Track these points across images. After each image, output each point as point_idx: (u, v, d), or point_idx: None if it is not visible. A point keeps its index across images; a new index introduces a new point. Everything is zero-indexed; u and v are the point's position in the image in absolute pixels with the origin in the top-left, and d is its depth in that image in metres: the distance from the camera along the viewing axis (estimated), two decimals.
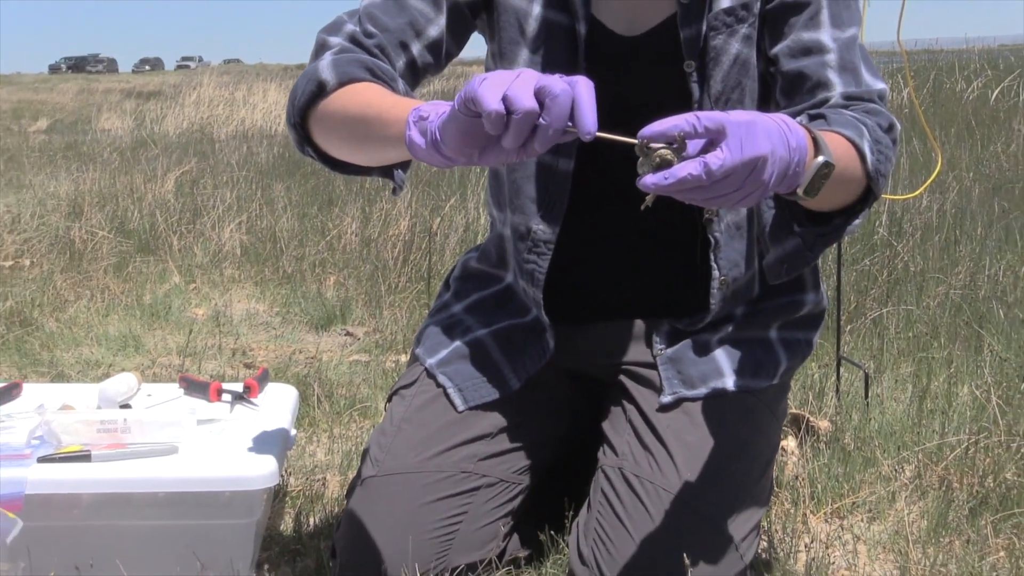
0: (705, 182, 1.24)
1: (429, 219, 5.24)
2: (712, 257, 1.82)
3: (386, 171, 1.65)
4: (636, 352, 1.90)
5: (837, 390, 2.84)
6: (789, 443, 2.46)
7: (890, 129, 1.67)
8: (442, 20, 1.80)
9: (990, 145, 7.35)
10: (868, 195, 1.61)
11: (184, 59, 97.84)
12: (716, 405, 1.81)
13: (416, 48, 1.78)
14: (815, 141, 1.42)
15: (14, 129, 15.56)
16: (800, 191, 1.40)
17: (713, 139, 1.26)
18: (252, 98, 15.53)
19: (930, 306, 3.69)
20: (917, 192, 3.40)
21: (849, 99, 1.69)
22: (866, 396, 2.76)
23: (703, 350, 1.86)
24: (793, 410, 2.63)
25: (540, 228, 1.86)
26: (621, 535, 1.69)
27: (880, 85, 1.73)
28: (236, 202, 6.11)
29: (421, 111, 1.36)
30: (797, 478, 2.29)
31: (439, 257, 4.56)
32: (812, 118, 1.62)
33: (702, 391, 1.83)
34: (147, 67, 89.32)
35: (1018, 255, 4.34)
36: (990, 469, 2.28)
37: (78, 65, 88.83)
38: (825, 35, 1.72)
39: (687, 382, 1.84)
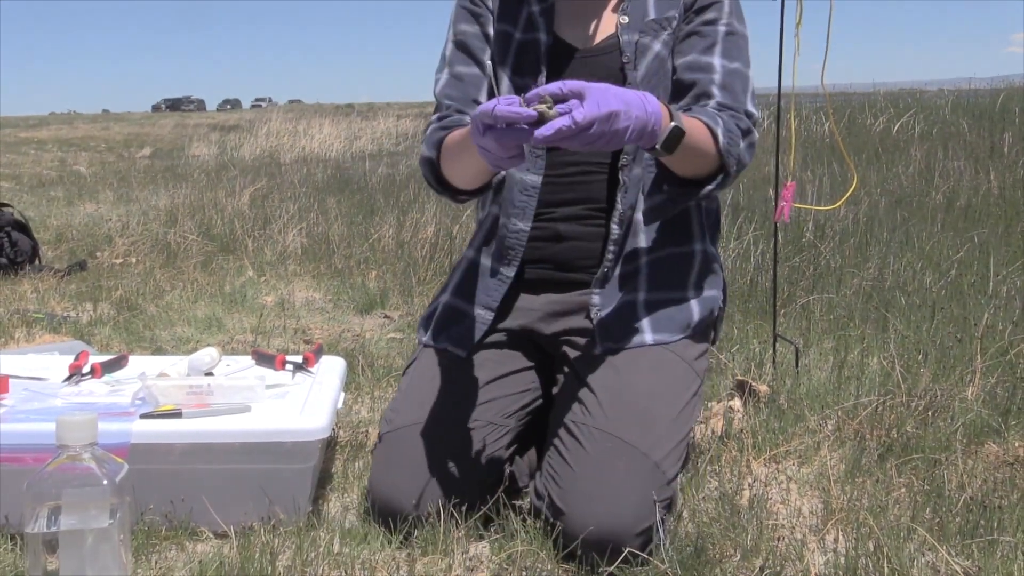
0: (575, 130, 1.41)
1: (450, 226, 5.24)
2: (619, 196, 1.86)
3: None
4: (576, 321, 1.90)
5: (774, 361, 2.83)
6: (735, 403, 2.45)
7: (747, 133, 1.80)
8: (487, 72, 1.95)
9: (893, 167, 7.32)
10: (721, 170, 1.76)
11: (257, 99, 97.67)
12: (636, 356, 1.83)
13: (482, 98, 1.93)
14: (671, 114, 1.58)
15: (125, 155, 15.57)
16: (659, 146, 1.57)
17: (578, 99, 1.44)
18: (311, 130, 15.51)
19: (847, 294, 3.68)
20: (837, 204, 3.38)
21: (722, 108, 1.80)
22: (797, 366, 2.75)
23: (629, 311, 1.87)
24: (739, 376, 2.62)
25: (529, 177, 1.89)
26: (563, 468, 1.70)
27: (753, 109, 1.85)
28: (298, 212, 6.10)
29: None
30: (742, 431, 2.28)
31: (458, 256, 4.53)
32: (683, 110, 1.75)
33: (625, 344, 1.85)
34: (228, 106, 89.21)
35: (916, 254, 4.33)
36: (894, 423, 2.27)
37: (174, 105, 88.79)
38: (716, 60, 1.84)
39: (614, 338, 1.85)
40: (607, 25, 1.91)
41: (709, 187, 1.77)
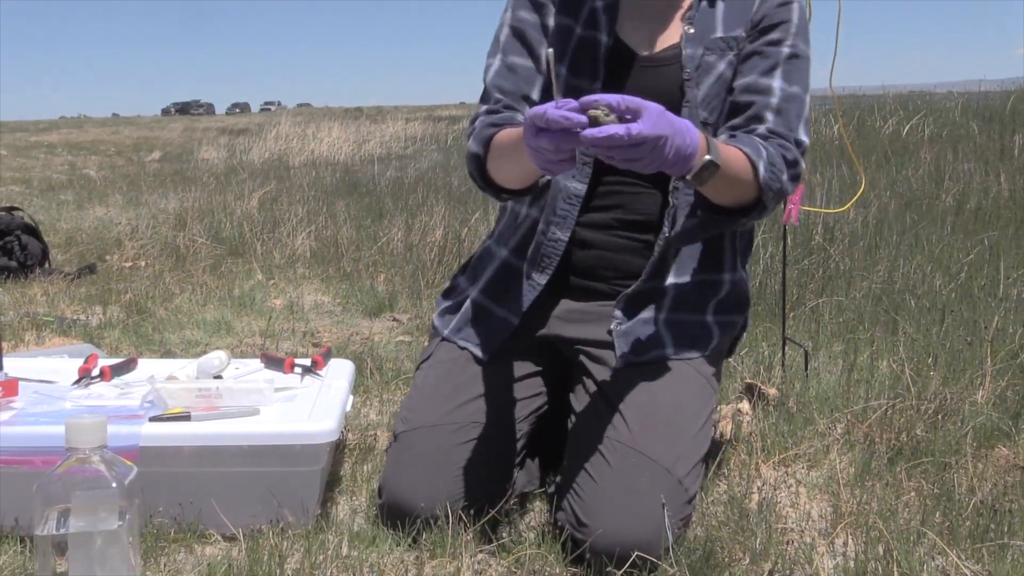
0: (625, 141, 1.41)
1: (459, 229, 5.24)
2: (667, 218, 1.84)
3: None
4: (593, 331, 1.89)
5: (783, 364, 2.82)
6: (744, 406, 2.44)
7: (793, 164, 1.76)
8: (542, 67, 1.91)
9: (903, 170, 7.31)
10: (759, 204, 1.73)
11: (266, 103, 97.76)
12: (659, 370, 1.82)
13: (535, 94, 1.90)
14: (709, 147, 1.57)
15: (134, 159, 15.61)
16: (689, 176, 1.56)
17: (632, 116, 1.44)
18: (320, 134, 15.53)
19: (856, 297, 3.67)
20: (846, 207, 3.37)
21: (772, 134, 1.76)
22: (806, 369, 2.74)
23: (650, 328, 1.86)
24: (748, 380, 2.61)
25: (573, 185, 1.87)
26: (586, 482, 1.69)
27: (804, 138, 1.80)
28: (307, 216, 6.11)
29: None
30: (751, 434, 2.27)
31: (466, 259, 4.54)
32: (730, 135, 1.75)
33: (646, 358, 1.83)
34: (237, 110, 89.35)
35: (925, 257, 4.32)
36: (904, 427, 2.27)
37: (184, 109, 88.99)
38: (775, 83, 1.79)
39: (635, 351, 1.83)
40: (672, 33, 1.86)
41: (743, 219, 1.76)
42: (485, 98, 1.92)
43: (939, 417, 2.32)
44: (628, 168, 1.49)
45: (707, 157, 1.56)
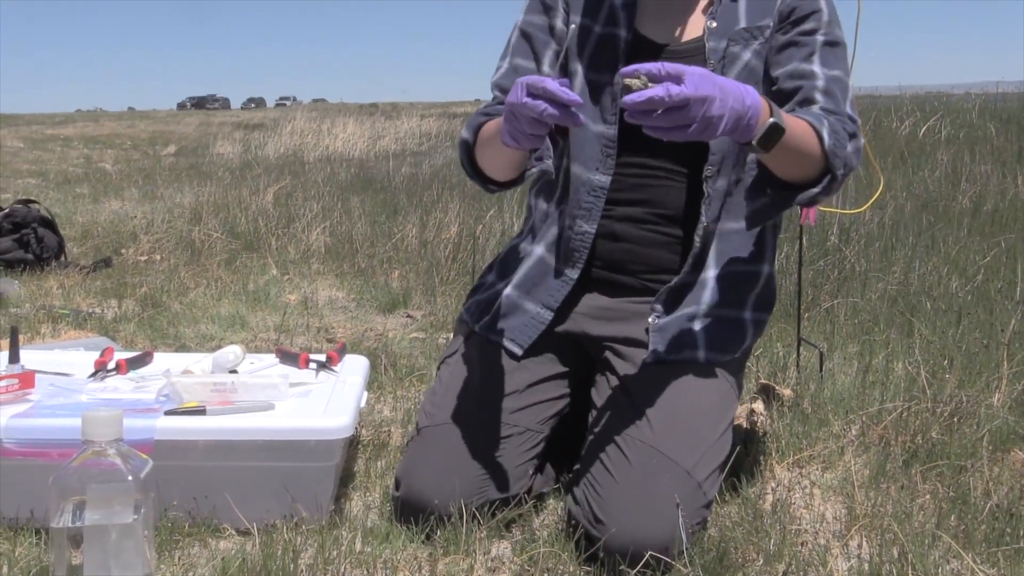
0: (667, 103, 1.39)
1: (473, 226, 5.23)
2: (703, 208, 1.82)
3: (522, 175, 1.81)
4: (622, 329, 1.88)
5: (797, 365, 2.81)
6: (759, 406, 2.43)
7: (853, 136, 1.73)
8: (545, 69, 1.92)
9: (919, 171, 7.27)
10: (828, 175, 1.68)
11: (281, 98, 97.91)
12: (685, 372, 1.81)
13: None
14: (771, 111, 1.54)
15: (150, 153, 15.66)
16: (754, 142, 1.53)
17: (675, 81, 1.41)
18: (335, 130, 15.54)
19: (872, 299, 3.66)
20: (862, 208, 3.37)
21: (826, 111, 1.74)
22: (821, 370, 2.73)
23: (687, 326, 1.85)
24: (763, 380, 2.60)
25: (596, 177, 1.86)
26: (605, 479, 1.68)
27: (854, 115, 1.78)
28: (321, 211, 6.12)
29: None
30: (765, 435, 2.27)
31: (481, 256, 4.55)
32: (788, 112, 1.69)
33: (677, 358, 1.82)
34: (253, 105, 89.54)
35: (941, 258, 4.30)
36: (919, 429, 2.25)
37: (199, 103, 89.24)
38: (816, 68, 1.78)
39: (668, 349, 1.83)
40: (694, 27, 1.86)
41: (815, 190, 1.68)
42: (492, 99, 1.94)
43: (955, 420, 2.31)
44: (688, 139, 1.46)
45: (771, 120, 1.53)
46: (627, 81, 1.41)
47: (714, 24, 1.83)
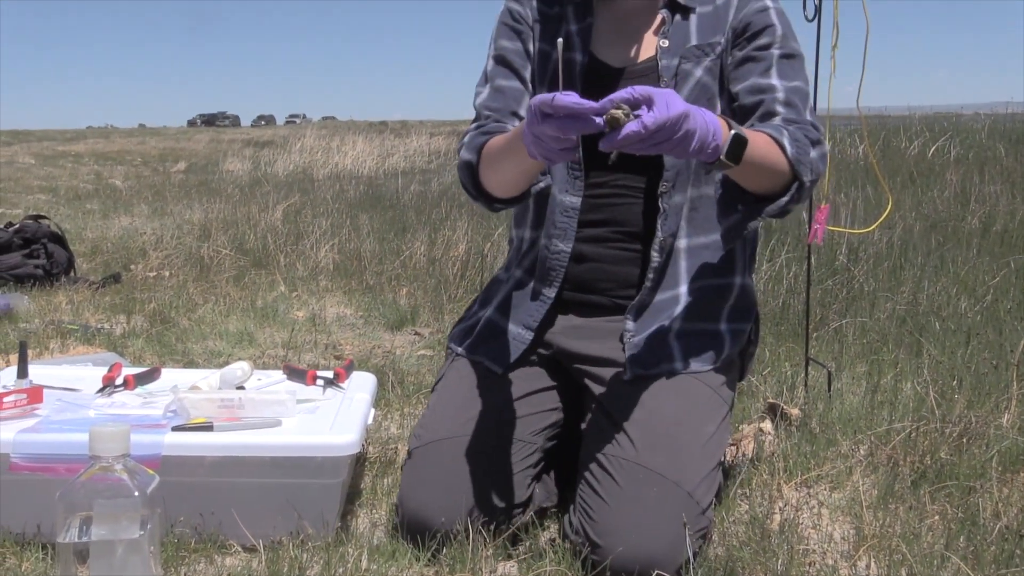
0: (644, 135, 1.42)
1: (481, 244, 5.24)
2: (659, 223, 1.85)
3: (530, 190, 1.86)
4: (595, 347, 1.89)
5: (806, 384, 2.80)
6: (767, 426, 2.43)
7: (817, 143, 1.77)
8: (529, 85, 1.96)
9: (928, 191, 7.27)
10: (795, 183, 1.72)
11: (291, 116, 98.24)
12: (662, 384, 1.82)
13: (523, 111, 1.93)
14: (729, 125, 1.57)
15: (160, 170, 15.72)
16: (723, 157, 1.55)
17: (647, 104, 1.44)
18: (344, 147, 15.60)
19: (880, 318, 3.64)
20: (871, 228, 3.36)
21: (789, 121, 1.78)
22: (829, 389, 2.72)
23: (662, 339, 1.86)
24: (771, 400, 2.60)
25: (568, 199, 1.89)
26: (596, 502, 1.68)
27: (816, 123, 1.82)
28: (330, 228, 6.13)
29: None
30: (773, 454, 2.26)
31: (489, 273, 4.55)
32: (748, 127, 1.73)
33: (655, 371, 1.83)
34: (263, 122, 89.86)
35: (951, 279, 4.29)
36: (928, 449, 2.25)
37: (209, 120, 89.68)
38: (775, 80, 1.82)
39: (644, 365, 1.83)
40: (647, 48, 1.90)
41: (784, 199, 1.72)
42: (476, 119, 1.96)
43: (964, 440, 2.30)
44: (662, 153, 1.50)
45: (732, 132, 1.56)
46: (612, 113, 1.43)
47: (666, 43, 1.87)
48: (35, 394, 1.95)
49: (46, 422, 1.87)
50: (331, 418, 1.92)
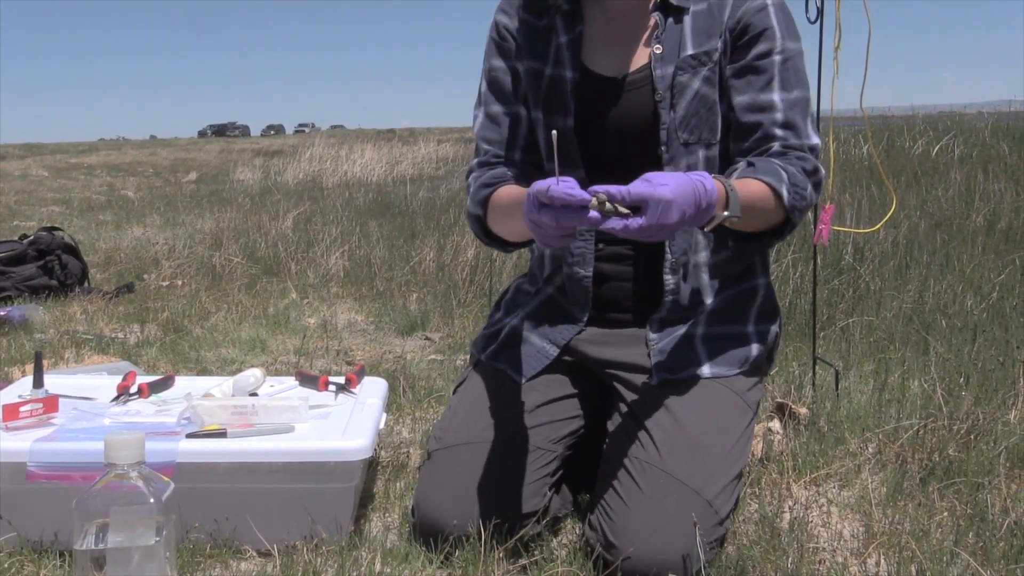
0: (622, 234, 1.43)
1: (490, 250, 5.23)
2: (667, 246, 1.84)
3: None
4: (623, 354, 1.88)
5: (813, 384, 2.80)
6: (775, 425, 2.42)
7: (813, 173, 1.77)
8: (522, 112, 1.94)
9: (933, 190, 7.25)
10: (787, 223, 1.75)
11: (300, 125, 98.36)
12: (689, 389, 1.81)
13: (520, 141, 1.94)
14: (728, 198, 1.56)
15: (172, 180, 15.77)
16: (707, 229, 1.58)
17: (638, 206, 1.43)
18: (353, 156, 15.62)
19: (887, 317, 3.64)
20: (876, 227, 3.36)
21: (787, 148, 1.77)
22: (837, 388, 2.72)
23: (687, 344, 1.85)
24: (779, 399, 2.59)
25: None
26: (616, 503, 1.68)
27: (815, 140, 1.81)
28: (340, 236, 6.14)
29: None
30: (782, 453, 2.25)
31: (498, 278, 4.55)
32: (748, 164, 1.73)
33: (682, 376, 1.82)
34: (272, 132, 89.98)
35: (956, 277, 4.28)
36: (936, 447, 2.24)
37: (220, 130, 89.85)
38: (775, 96, 1.78)
39: (671, 369, 1.83)
40: (641, 55, 1.85)
41: (774, 239, 1.78)
42: (476, 151, 1.97)
43: (972, 437, 2.29)
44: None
45: (725, 213, 1.56)
46: (599, 197, 1.43)
47: (659, 49, 1.81)
48: (51, 403, 1.96)
49: (62, 431, 1.87)
50: (343, 423, 1.93)
